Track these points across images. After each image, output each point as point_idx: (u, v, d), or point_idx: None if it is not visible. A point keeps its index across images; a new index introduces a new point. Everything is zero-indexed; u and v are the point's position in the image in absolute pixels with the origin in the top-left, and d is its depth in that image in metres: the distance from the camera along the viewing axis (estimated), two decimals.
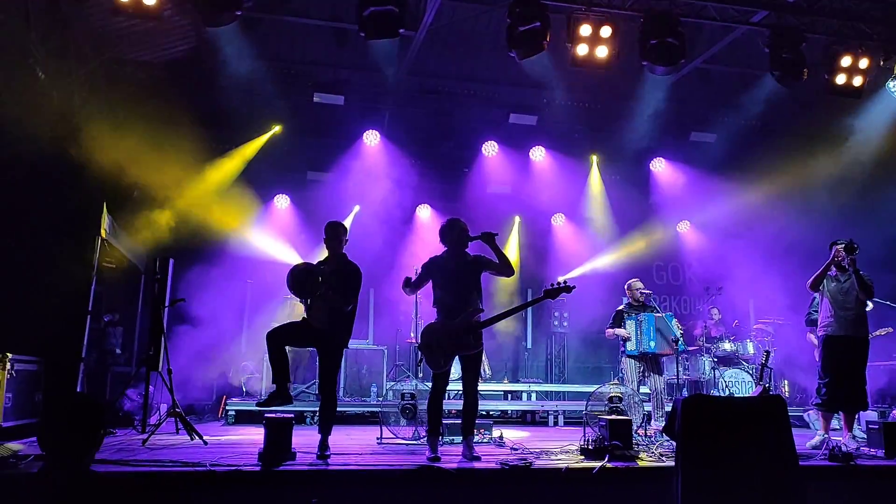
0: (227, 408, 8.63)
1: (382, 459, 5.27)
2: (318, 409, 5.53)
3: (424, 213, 11.47)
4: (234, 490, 4.41)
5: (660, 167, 12.10)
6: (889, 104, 8.49)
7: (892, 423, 5.81)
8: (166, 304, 6.99)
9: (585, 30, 7.28)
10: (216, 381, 9.62)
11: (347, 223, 9.46)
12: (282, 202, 10.97)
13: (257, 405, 5.68)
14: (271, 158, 10.25)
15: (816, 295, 6.76)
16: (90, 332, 7.26)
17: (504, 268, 5.55)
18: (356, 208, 10.95)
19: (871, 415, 7.58)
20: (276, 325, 5.60)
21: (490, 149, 11.34)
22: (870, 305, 7.75)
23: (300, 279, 5.34)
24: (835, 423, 6.82)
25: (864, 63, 7.74)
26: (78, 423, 4.40)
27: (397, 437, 6.61)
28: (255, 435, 6.35)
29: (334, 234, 5.64)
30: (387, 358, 9.84)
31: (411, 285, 5.65)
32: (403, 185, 10.75)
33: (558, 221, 12.30)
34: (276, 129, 10.30)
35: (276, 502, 4.43)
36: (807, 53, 7.66)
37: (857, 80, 7.82)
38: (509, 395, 10.62)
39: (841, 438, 6.09)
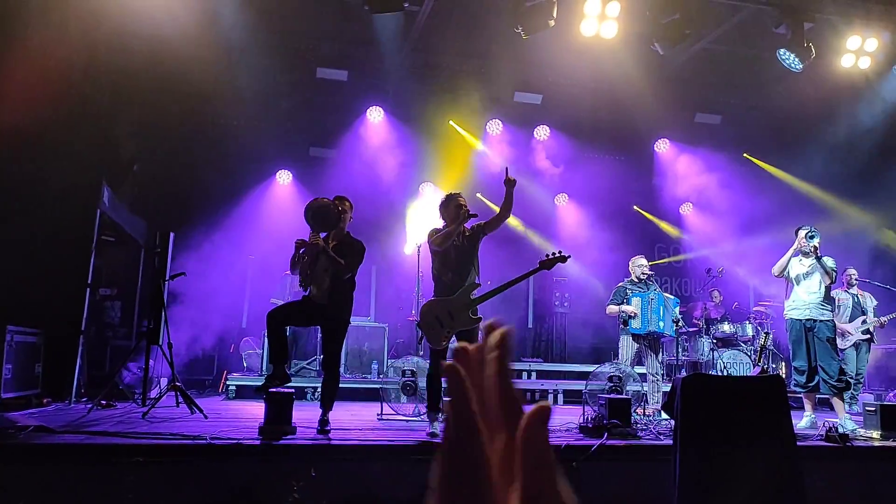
0: (228, 383, 8.67)
1: (383, 435, 5.30)
2: (319, 384, 5.55)
3: (428, 190, 11.42)
4: (234, 463, 4.44)
5: (664, 148, 12.04)
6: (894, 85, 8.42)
7: (888, 405, 5.83)
8: (166, 277, 6.99)
9: (593, 7, 7.20)
10: (217, 355, 9.67)
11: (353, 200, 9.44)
12: (284, 178, 10.93)
13: (256, 391, 5.70)
14: (273, 134, 10.18)
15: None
16: (90, 306, 7.27)
17: (507, 212, 5.54)
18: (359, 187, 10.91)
19: (867, 396, 7.62)
20: (275, 300, 5.61)
21: (495, 127, 11.28)
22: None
23: (320, 213, 5.33)
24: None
25: (871, 45, 7.66)
26: None
27: (398, 414, 6.64)
28: (255, 409, 6.38)
29: (339, 208, 5.60)
30: (388, 335, 9.87)
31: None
32: (407, 162, 10.71)
33: (561, 201, 12.26)
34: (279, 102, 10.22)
35: (275, 475, 4.46)
36: (814, 34, 7.58)
37: (865, 62, 7.74)
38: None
39: (837, 420, 6.11)
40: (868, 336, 8.06)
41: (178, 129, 9.59)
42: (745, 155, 11.76)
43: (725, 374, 9.28)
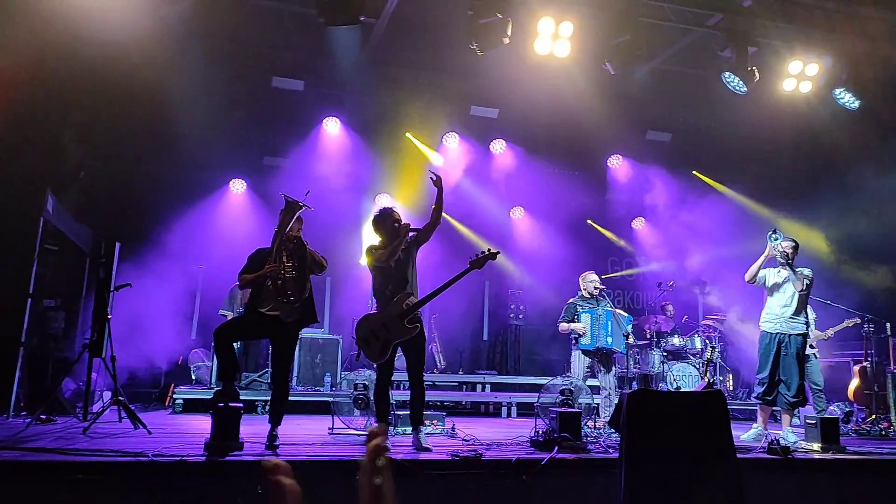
0: (175, 396, 8.47)
1: (333, 450, 5.24)
2: (269, 398, 5.46)
3: (384, 202, 11.40)
4: (178, 480, 4.33)
5: (617, 164, 12.28)
6: (836, 109, 8.74)
7: (828, 418, 6.02)
8: (111, 288, 6.81)
9: (546, 26, 7.33)
10: (164, 368, 9.44)
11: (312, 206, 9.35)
12: (238, 187, 10.78)
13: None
14: (227, 142, 10.04)
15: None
16: (31, 316, 7.03)
17: (438, 217, 5.62)
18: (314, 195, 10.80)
19: (808, 410, 7.83)
20: (224, 313, 5.51)
21: (451, 140, 11.35)
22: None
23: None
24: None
25: (812, 70, 7.96)
26: None
27: (349, 428, 6.57)
28: (202, 424, 6.24)
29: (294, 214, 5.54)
30: (342, 347, 9.79)
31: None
32: (363, 173, 10.68)
33: (517, 214, 12.38)
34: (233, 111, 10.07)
35: (221, 493, 4.37)
36: (759, 58, 7.84)
37: (806, 86, 8.03)
38: (464, 386, 10.68)
39: (780, 432, 6.27)
40: (815, 349, 8.30)
41: (128, 136, 9.38)
42: (693, 172, 12.06)
43: (675, 386, 9.47)
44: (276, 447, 4.98)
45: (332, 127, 10.71)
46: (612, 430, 6.02)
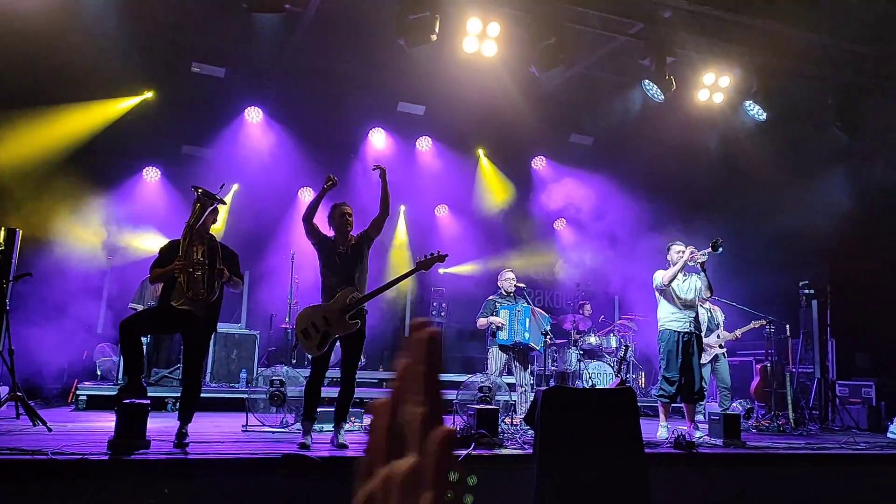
0: (78, 392, 8.07)
1: (245, 447, 5.11)
2: (179, 395, 5.28)
3: (307, 195, 11.21)
4: (79, 481, 4.13)
5: (541, 165, 12.50)
6: (747, 120, 9.18)
7: (731, 415, 6.32)
8: (10, 278, 6.41)
9: (474, 25, 7.37)
10: (68, 363, 8.97)
11: (227, 200, 9.08)
12: (152, 175, 10.36)
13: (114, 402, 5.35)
14: (142, 128, 9.62)
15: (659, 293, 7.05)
16: None
17: (386, 207, 5.59)
18: (235, 186, 10.52)
19: (713, 406, 8.20)
20: (134, 306, 5.29)
21: (377, 135, 11.28)
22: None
23: None
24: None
25: (725, 81, 8.32)
26: None
27: (264, 425, 6.44)
28: (108, 422, 5.97)
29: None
30: (259, 343, 9.57)
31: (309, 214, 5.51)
32: (286, 166, 10.44)
33: (441, 212, 12.42)
34: (148, 94, 9.66)
35: (125, 494, 4.19)
36: (676, 68, 8.14)
37: (719, 97, 8.40)
38: (384, 383, 10.63)
39: (685, 427, 6.54)
40: (724, 349, 8.69)
41: (34, 118, 8.86)
42: (613, 176, 12.40)
43: (591, 383, 9.72)
44: (185, 445, 4.82)
45: (254, 117, 10.44)
46: (528, 427, 6.13)
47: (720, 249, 6.73)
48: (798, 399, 8.54)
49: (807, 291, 9.04)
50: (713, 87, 8.28)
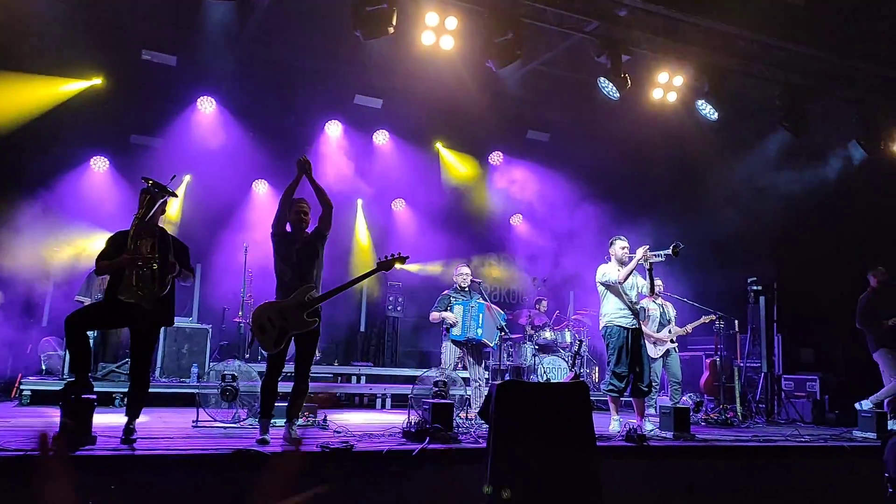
0: (22, 387, 7.80)
1: (195, 443, 5.01)
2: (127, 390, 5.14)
3: (261, 188, 11.04)
4: (20, 478, 3.98)
5: (497, 160, 12.55)
6: (699, 119, 9.36)
7: (681, 408, 6.45)
8: None
9: (431, 18, 7.34)
10: (11, 357, 8.66)
11: (179, 193, 8.88)
12: (100, 164, 10.05)
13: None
14: (90, 116, 9.31)
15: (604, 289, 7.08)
16: None
17: (325, 201, 5.54)
18: (187, 178, 10.28)
19: (664, 399, 8.36)
20: (81, 299, 5.12)
21: (334, 128, 11.16)
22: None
23: None
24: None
25: (678, 81, 8.47)
26: None
27: (215, 420, 6.32)
28: (52, 417, 5.79)
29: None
30: (211, 337, 9.39)
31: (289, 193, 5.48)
32: (239, 157, 10.24)
33: (399, 207, 12.37)
34: (97, 81, 9.34)
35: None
36: (632, 66, 8.25)
37: (672, 96, 8.54)
38: (339, 378, 10.56)
39: (634, 420, 6.65)
40: (675, 344, 8.86)
41: None
42: (568, 173, 12.51)
43: (545, 378, 9.82)
44: (132, 441, 4.69)
45: (207, 107, 10.21)
46: (483, 421, 6.15)
47: (678, 255, 6.80)
48: (745, 393, 8.77)
49: (755, 288, 9.28)
50: (667, 85, 8.41)
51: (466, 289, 7.82)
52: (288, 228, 5.54)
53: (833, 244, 10.38)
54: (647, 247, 6.86)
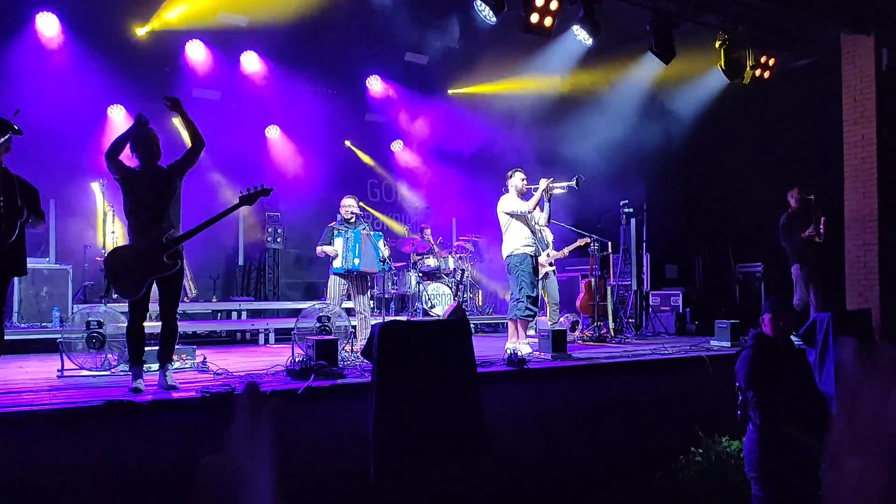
0: None
1: (63, 395, 4.69)
2: None
3: (118, 114, 10.11)
4: None
5: (376, 85, 12.18)
6: (572, 45, 9.44)
7: (559, 330, 6.73)
8: None
9: None
10: None
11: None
12: None
13: None
14: None
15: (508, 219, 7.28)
16: None
17: (196, 137, 5.19)
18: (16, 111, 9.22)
19: (543, 322, 8.70)
20: None
21: (196, 49, 10.34)
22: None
23: None
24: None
25: (554, 5, 8.41)
26: None
27: (82, 369, 5.93)
28: None
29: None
30: (72, 278, 8.75)
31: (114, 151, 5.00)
32: (90, 81, 9.28)
33: (272, 133, 11.80)
34: None
35: None
36: None
37: (548, 21, 8.49)
38: (218, 315, 10.21)
39: (515, 344, 6.89)
40: (553, 267, 9.17)
41: None
42: (449, 92, 12.36)
43: (430, 304, 9.94)
44: None
45: (47, 24, 9.13)
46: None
47: (580, 186, 7.15)
48: (617, 310, 9.28)
49: (626, 210, 9.70)
50: (543, 9, 8.33)
51: (352, 220, 7.67)
52: (135, 164, 5.10)
53: (694, 168, 11.01)
54: (551, 179, 7.07)
